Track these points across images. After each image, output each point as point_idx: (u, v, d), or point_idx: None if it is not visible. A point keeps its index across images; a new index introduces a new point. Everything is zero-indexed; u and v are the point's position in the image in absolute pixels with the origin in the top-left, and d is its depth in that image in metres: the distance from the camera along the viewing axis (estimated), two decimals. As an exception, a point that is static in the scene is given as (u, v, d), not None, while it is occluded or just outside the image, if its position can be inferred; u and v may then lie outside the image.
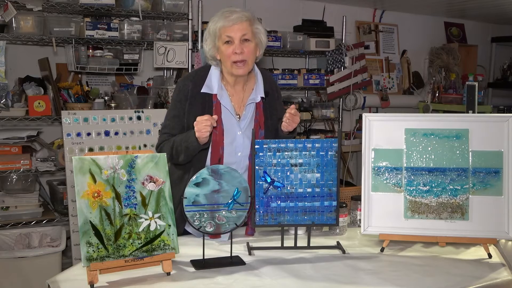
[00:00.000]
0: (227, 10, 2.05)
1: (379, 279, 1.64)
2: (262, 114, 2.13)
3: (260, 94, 2.15)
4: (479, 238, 1.89)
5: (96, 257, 1.55)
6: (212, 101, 2.08)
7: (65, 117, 3.19)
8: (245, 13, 2.07)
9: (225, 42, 2.03)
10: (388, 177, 1.95)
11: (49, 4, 3.28)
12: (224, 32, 2.02)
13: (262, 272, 1.68)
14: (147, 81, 4.03)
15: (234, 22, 2.02)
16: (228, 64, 2.06)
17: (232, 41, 2.02)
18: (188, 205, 1.70)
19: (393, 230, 1.92)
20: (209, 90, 2.09)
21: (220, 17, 2.04)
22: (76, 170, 1.56)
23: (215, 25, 2.04)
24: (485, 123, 1.93)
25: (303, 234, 2.02)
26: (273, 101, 2.21)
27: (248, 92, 2.15)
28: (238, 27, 2.02)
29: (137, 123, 3.37)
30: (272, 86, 2.24)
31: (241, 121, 2.12)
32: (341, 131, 4.87)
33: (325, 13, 4.88)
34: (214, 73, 2.13)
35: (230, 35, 2.02)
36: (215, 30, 2.04)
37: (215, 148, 2.05)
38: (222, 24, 2.02)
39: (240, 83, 2.14)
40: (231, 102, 2.12)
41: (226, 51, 2.03)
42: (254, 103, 2.14)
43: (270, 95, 2.18)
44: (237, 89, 2.14)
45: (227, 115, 2.10)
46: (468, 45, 6.13)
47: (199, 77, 2.12)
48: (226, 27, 2.02)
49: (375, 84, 5.46)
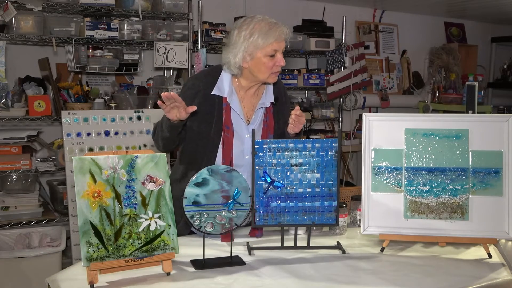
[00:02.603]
0: (273, 23, 2.02)
1: (379, 279, 1.64)
2: (271, 119, 2.15)
3: (270, 99, 2.16)
4: (479, 238, 1.89)
5: (96, 257, 1.55)
6: (222, 104, 2.08)
7: (65, 117, 3.19)
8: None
9: (270, 55, 2.01)
10: (388, 177, 1.95)
11: (49, 4, 3.28)
12: (272, 47, 2.00)
13: (262, 272, 1.68)
14: (147, 81, 4.04)
15: (284, 37, 2.02)
16: (265, 75, 2.05)
17: (276, 54, 2.02)
18: (188, 205, 1.70)
19: (393, 230, 1.92)
20: (219, 93, 2.08)
21: (269, 30, 1.99)
22: (76, 170, 1.56)
23: (265, 38, 1.99)
24: (485, 123, 1.93)
25: (303, 234, 2.02)
26: (281, 106, 2.22)
27: (259, 97, 2.16)
28: (284, 41, 2.03)
29: (137, 123, 3.37)
30: (281, 91, 2.25)
31: (250, 125, 2.13)
32: (341, 131, 4.87)
33: (325, 13, 4.88)
34: (225, 76, 2.12)
35: (277, 49, 2.01)
36: (262, 43, 1.99)
37: (227, 150, 2.06)
38: (274, 39, 1.99)
39: (254, 87, 2.14)
40: (240, 106, 2.12)
41: (268, 63, 2.02)
42: (264, 107, 2.15)
43: (279, 100, 2.19)
44: (249, 94, 2.14)
45: (237, 119, 2.10)
46: (468, 45, 6.14)
47: (210, 79, 2.11)
48: (277, 42, 2.00)
49: (375, 84, 5.46)
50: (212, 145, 2.08)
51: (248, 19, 2.04)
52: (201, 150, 2.10)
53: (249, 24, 2.01)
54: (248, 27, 2.00)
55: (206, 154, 2.09)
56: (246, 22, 2.03)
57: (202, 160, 2.07)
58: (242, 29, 2.01)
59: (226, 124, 2.06)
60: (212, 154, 2.08)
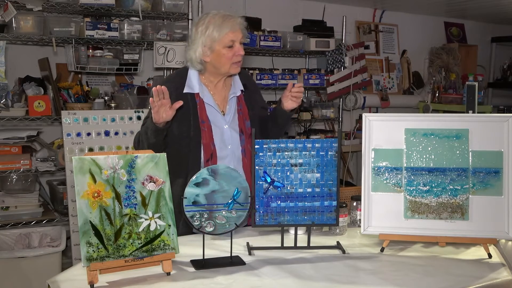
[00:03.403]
0: (227, 15, 2.12)
1: (379, 279, 1.64)
2: (245, 106, 2.25)
3: (240, 88, 2.26)
4: (479, 238, 1.89)
5: (96, 257, 1.55)
6: (195, 100, 2.17)
7: (65, 117, 3.19)
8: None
9: (228, 46, 2.10)
10: (388, 177, 1.95)
11: (49, 4, 3.28)
12: (228, 37, 2.09)
13: (262, 272, 1.68)
14: (147, 81, 4.03)
15: (239, 27, 2.11)
16: (226, 66, 2.14)
17: (234, 44, 2.11)
18: (188, 205, 1.70)
19: (393, 230, 1.92)
20: (190, 90, 2.18)
21: (223, 22, 2.09)
22: (76, 170, 1.56)
23: (219, 30, 2.09)
24: (485, 123, 1.93)
25: (303, 234, 2.02)
26: (251, 93, 2.31)
27: (228, 88, 2.25)
28: (240, 31, 2.12)
29: (137, 123, 3.36)
30: (248, 78, 2.37)
31: (226, 116, 2.21)
32: (341, 131, 4.87)
33: (325, 13, 4.88)
34: (192, 74, 2.21)
35: (234, 39, 2.10)
36: (217, 35, 2.09)
37: (207, 144, 2.13)
38: (228, 29, 2.09)
39: (222, 80, 2.23)
40: (213, 99, 2.20)
41: (227, 54, 2.12)
42: (235, 96, 2.25)
43: (248, 87, 2.28)
44: (218, 87, 2.23)
45: (212, 112, 2.19)
46: (468, 45, 6.13)
47: (179, 79, 2.21)
48: (232, 32, 2.09)
49: (375, 84, 5.46)
50: (195, 142, 2.13)
51: (204, 16, 2.16)
52: (185, 150, 2.14)
53: (204, 19, 2.12)
54: (204, 22, 2.12)
55: (191, 152, 2.13)
56: (202, 18, 2.15)
57: (188, 159, 2.13)
58: (198, 25, 2.13)
59: (202, 119, 2.14)
60: (196, 151, 2.14)
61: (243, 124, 2.21)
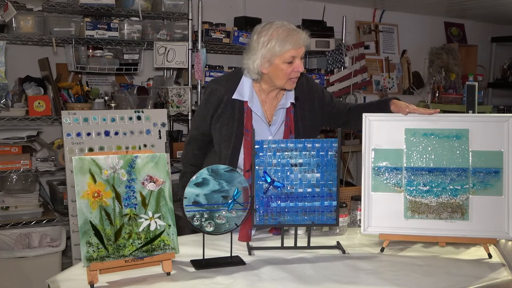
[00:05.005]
0: (291, 29, 2.01)
1: (379, 279, 1.64)
2: (292, 120, 2.14)
3: (290, 100, 2.15)
4: (479, 238, 1.89)
5: (96, 257, 1.55)
6: (243, 108, 2.10)
7: (65, 117, 3.19)
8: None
9: (288, 62, 2.01)
10: (388, 177, 1.95)
11: (49, 4, 3.28)
12: (289, 53, 1.99)
13: (262, 272, 1.68)
14: (147, 81, 4.03)
15: (303, 43, 2.02)
16: (282, 81, 2.05)
17: (294, 60, 2.01)
18: (188, 205, 1.70)
19: (393, 230, 1.92)
20: (240, 97, 2.10)
21: (286, 37, 1.98)
22: (76, 170, 1.56)
23: (282, 46, 1.98)
24: (485, 123, 1.93)
25: (303, 234, 2.02)
26: (304, 103, 2.20)
27: (280, 98, 2.17)
28: (303, 48, 2.03)
29: (137, 123, 3.36)
30: (303, 89, 2.21)
31: (271, 126, 2.14)
32: (341, 131, 4.85)
33: (325, 13, 4.88)
34: (246, 80, 2.12)
35: (295, 55, 2.01)
36: (279, 50, 1.99)
37: (248, 153, 2.05)
38: (291, 46, 1.98)
39: (276, 90, 2.14)
40: (262, 109, 2.14)
41: (286, 70, 2.01)
42: (284, 108, 2.15)
43: (300, 99, 2.18)
44: (270, 96, 2.15)
45: (258, 121, 2.12)
46: (468, 45, 6.14)
47: (231, 83, 2.13)
48: (294, 49, 2.00)
49: (375, 84, 5.46)
50: (234, 148, 2.09)
51: (267, 25, 2.03)
52: (224, 153, 2.12)
53: (268, 31, 2.01)
54: (267, 33, 2.00)
55: (228, 156, 2.10)
56: (265, 28, 2.02)
57: (225, 163, 2.06)
58: (260, 35, 2.01)
59: (247, 127, 2.07)
60: (233, 157, 2.09)
61: (288, 137, 2.12)
